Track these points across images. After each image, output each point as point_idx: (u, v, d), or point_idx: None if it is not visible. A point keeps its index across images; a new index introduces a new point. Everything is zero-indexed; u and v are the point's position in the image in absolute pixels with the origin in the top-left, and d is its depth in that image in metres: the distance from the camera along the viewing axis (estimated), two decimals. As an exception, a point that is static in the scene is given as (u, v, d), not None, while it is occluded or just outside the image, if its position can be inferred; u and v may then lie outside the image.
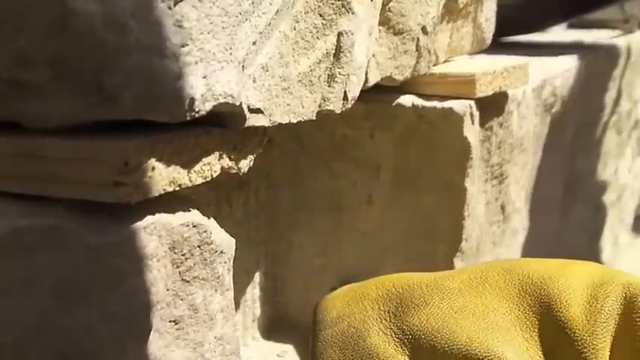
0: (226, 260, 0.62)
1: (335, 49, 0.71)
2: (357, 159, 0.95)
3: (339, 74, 0.72)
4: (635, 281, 0.58)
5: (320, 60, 0.70)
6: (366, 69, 0.80)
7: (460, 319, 0.57)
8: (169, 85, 0.53)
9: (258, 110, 0.62)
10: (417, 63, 0.91)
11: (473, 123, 0.94)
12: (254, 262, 0.95)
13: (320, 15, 0.69)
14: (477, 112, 0.95)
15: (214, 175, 0.60)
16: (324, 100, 0.71)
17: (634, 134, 1.73)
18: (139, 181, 0.53)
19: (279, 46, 0.64)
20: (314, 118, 0.70)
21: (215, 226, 0.61)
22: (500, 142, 1.04)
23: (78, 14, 0.50)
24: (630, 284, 0.57)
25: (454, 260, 0.95)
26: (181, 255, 0.57)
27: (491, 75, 0.97)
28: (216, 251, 0.60)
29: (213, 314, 0.61)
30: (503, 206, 1.09)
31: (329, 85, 0.71)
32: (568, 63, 1.35)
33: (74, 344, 0.53)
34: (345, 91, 0.73)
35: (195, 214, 0.59)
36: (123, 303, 0.53)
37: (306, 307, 0.70)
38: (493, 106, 1.00)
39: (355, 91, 0.75)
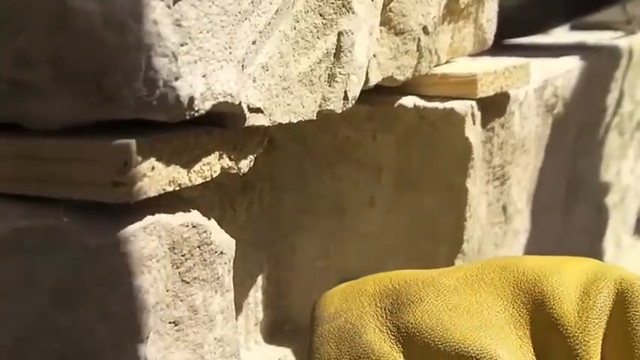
0: (226, 261, 0.62)
1: (335, 48, 0.71)
2: (360, 161, 0.95)
3: (339, 74, 0.71)
4: (628, 276, 0.58)
5: (320, 60, 0.69)
6: (367, 69, 0.80)
7: (454, 316, 0.58)
8: (169, 84, 0.52)
9: (258, 110, 0.62)
10: (419, 63, 0.90)
11: (474, 123, 0.94)
12: (257, 266, 0.95)
13: (320, 14, 0.69)
14: (479, 113, 0.95)
15: (214, 175, 0.60)
16: (324, 100, 0.70)
17: (636, 136, 1.73)
18: (138, 181, 0.52)
19: (279, 46, 0.64)
20: (314, 117, 0.70)
21: (215, 227, 0.60)
22: (502, 142, 1.04)
23: (77, 13, 0.50)
24: (622, 279, 0.58)
25: (455, 261, 0.94)
26: (181, 255, 0.57)
27: (493, 75, 0.97)
28: (216, 252, 0.60)
29: (213, 315, 0.60)
30: (504, 207, 1.08)
31: (329, 85, 0.71)
32: (570, 63, 1.35)
33: (73, 345, 0.53)
34: (346, 91, 0.73)
35: (195, 214, 0.59)
36: (122, 304, 0.53)
37: (309, 311, 0.69)
38: (495, 107, 1.00)
39: (356, 91, 0.75)
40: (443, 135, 0.92)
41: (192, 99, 0.54)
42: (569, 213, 1.41)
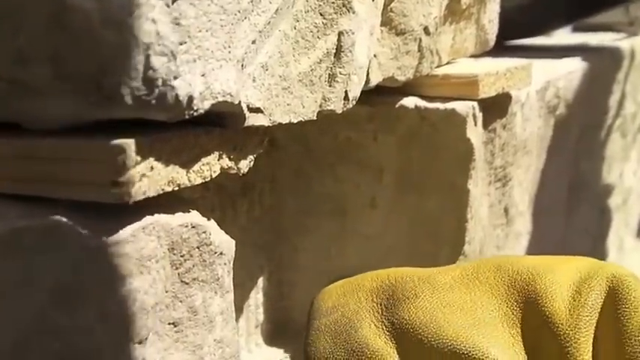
0: (226, 262, 0.61)
1: (336, 48, 0.71)
2: (361, 162, 0.95)
3: (339, 74, 0.71)
4: (620, 273, 0.59)
5: (320, 59, 0.69)
6: (368, 69, 0.79)
7: (448, 313, 0.58)
8: (168, 84, 0.52)
9: (257, 110, 0.62)
10: (420, 64, 0.90)
11: (476, 124, 0.94)
12: (258, 267, 0.95)
13: (320, 14, 0.69)
14: (480, 114, 0.94)
15: (214, 176, 0.59)
16: (324, 100, 0.70)
17: (639, 137, 1.72)
18: (137, 181, 0.52)
19: (279, 45, 0.64)
20: (314, 118, 0.70)
21: (214, 227, 0.60)
22: (504, 144, 1.03)
23: (75, 11, 0.49)
24: (614, 276, 0.58)
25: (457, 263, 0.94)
26: (180, 256, 0.57)
27: (494, 76, 0.96)
28: (216, 252, 0.60)
29: (212, 317, 0.60)
30: (506, 209, 1.08)
31: (330, 85, 0.70)
32: (572, 65, 1.35)
33: (72, 346, 0.53)
34: (346, 91, 0.72)
35: (195, 214, 0.58)
36: (121, 304, 0.53)
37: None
38: (496, 108, 1.00)
39: (356, 91, 0.75)
40: (444, 136, 0.92)
41: (191, 98, 0.54)
42: (571, 215, 1.40)
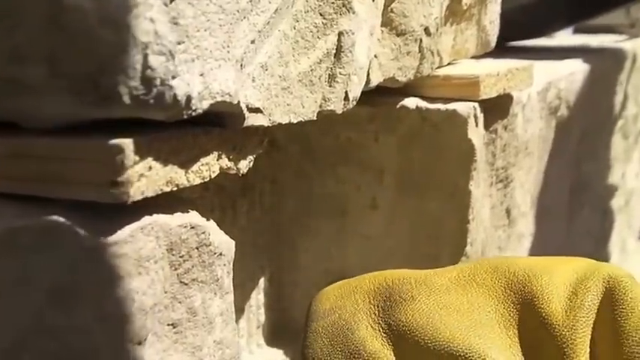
0: (225, 263, 0.61)
1: (336, 48, 0.70)
2: (362, 162, 0.94)
3: (339, 74, 0.71)
4: (617, 273, 0.58)
5: (320, 60, 0.69)
6: (368, 70, 0.79)
7: (445, 315, 0.58)
8: (166, 83, 0.52)
9: (257, 110, 0.61)
10: (420, 64, 0.90)
11: (477, 125, 0.93)
12: (258, 268, 0.94)
13: (320, 14, 0.68)
14: (481, 115, 0.94)
15: (212, 176, 0.59)
16: (324, 100, 0.70)
17: (641, 139, 1.72)
18: (135, 181, 0.52)
19: (278, 45, 0.63)
20: (314, 118, 0.69)
21: (214, 228, 0.60)
22: (505, 145, 1.03)
23: (72, 10, 0.49)
24: (610, 277, 0.58)
25: (459, 264, 0.94)
26: (179, 257, 0.56)
27: (495, 77, 0.96)
28: (215, 253, 0.59)
29: (212, 318, 0.60)
30: (508, 210, 1.08)
31: (330, 85, 0.70)
32: (573, 66, 1.35)
33: (69, 346, 0.52)
34: (347, 92, 0.72)
35: (194, 215, 0.58)
36: (119, 305, 0.52)
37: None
38: (497, 109, 0.99)
39: (356, 92, 0.74)
40: (445, 136, 0.92)
41: (189, 98, 0.54)
42: (573, 216, 1.40)
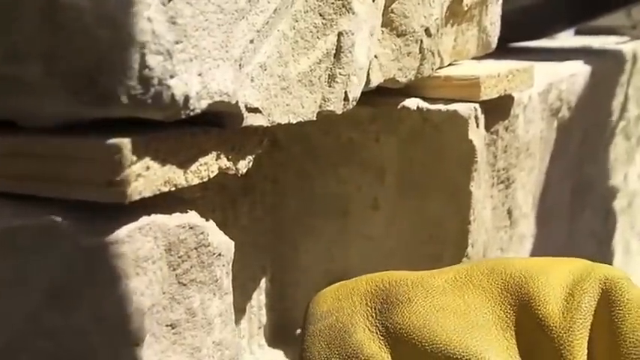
0: (225, 263, 0.61)
1: (335, 49, 0.70)
2: (363, 163, 0.94)
3: (339, 74, 0.71)
4: (613, 275, 0.58)
5: (320, 60, 0.69)
6: (369, 70, 0.79)
7: (441, 317, 0.58)
8: (163, 83, 0.52)
9: (256, 110, 0.61)
10: (421, 65, 0.90)
11: (478, 126, 0.93)
12: (260, 268, 0.94)
13: (320, 14, 0.68)
14: (482, 116, 0.94)
15: (211, 176, 0.59)
16: (324, 101, 0.70)
17: (643, 140, 1.72)
18: (132, 181, 0.51)
19: (277, 46, 0.63)
20: (314, 118, 0.69)
21: (213, 228, 0.59)
22: (506, 146, 1.03)
23: (68, 9, 0.49)
24: (607, 279, 0.58)
25: (460, 266, 0.93)
26: (178, 257, 0.56)
27: (496, 78, 0.96)
28: (214, 254, 0.59)
29: (211, 319, 0.60)
30: (510, 211, 1.07)
31: (329, 86, 0.70)
32: (574, 67, 1.35)
33: (66, 347, 0.52)
34: (346, 92, 0.72)
35: (193, 215, 0.58)
36: (117, 306, 0.52)
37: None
38: (499, 110, 0.99)
39: (356, 92, 0.74)
40: (446, 137, 0.91)
41: (187, 98, 0.53)
42: (575, 218, 1.40)
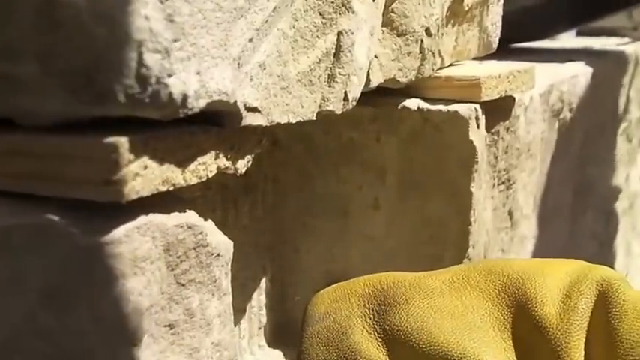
0: (223, 263, 0.60)
1: (335, 48, 0.70)
2: (364, 162, 0.94)
3: (339, 74, 0.70)
4: (610, 276, 0.58)
5: (320, 59, 0.68)
6: (369, 70, 0.79)
7: (439, 319, 0.57)
8: (161, 81, 0.51)
9: (255, 109, 0.61)
10: (421, 65, 0.89)
11: (478, 127, 0.93)
12: (260, 268, 0.94)
13: (320, 13, 0.68)
14: (483, 116, 0.94)
15: (210, 176, 0.59)
16: (324, 100, 0.69)
17: (644, 142, 1.72)
18: (130, 180, 0.51)
19: (277, 45, 0.63)
20: (314, 118, 0.69)
21: (212, 228, 0.59)
22: (507, 147, 1.03)
23: (64, 6, 0.48)
24: (604, 280, 0.58)
25: (461, 267, 0.93)
26: (176, 257, 0.56)
27: (497, 78, 0.96)
28: (213, 254, 0.59)
29: (209, 319, 0.59)
30: (511, 212, 1.07)
31: (329, 85, 0.70)
32: (575, 69, 1.34)
33: (63, 348, 0.52)
34: (346, 92, 0.72)
35: (191, 215, 0.57)
36: (115, 306, 0.52)
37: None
38: (499, 110, 0.99)
39: (356, 92, 0.74)
40: (447, 138, 0.91)
41: (185, 96, 0.53)
42: (577, 219, 1.39)
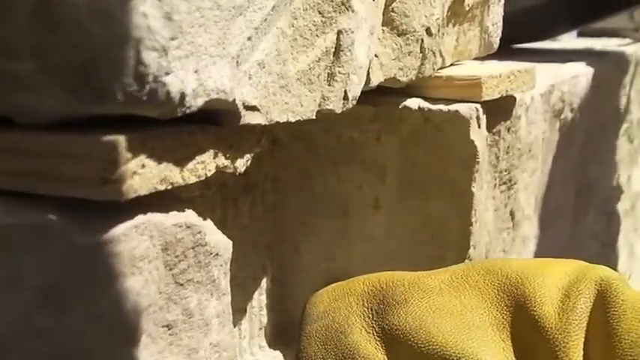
0: (222, 263, 0.60)
1: (335, 47, 0.69)
2: (364, 162, 0.93)
3: (339, 73, 0.70)
4: (608, 276, 0.58)
5: (319, 58, 0.68)
6: (369, 69, 0.78)
7: (437, 318, 0.57)
8: (159, 80, 0.51)
9: (254, 108, 0.60)
10: (422, 65, 0.89)
11: (479, 127, 0.92)
12: (260, 268, 0.93)
13: (319, 12, 0.67)
14: (484, 116, 0.93)
15: (209, 174, 0.58)
16: (323, 100, 0.69)
17: (646, 142, 1.71)
18: (127, 179, 0.51)
19: (276, 43, 0.62)
20: (313, 117, 0.68)
21: (210, 227, 0.59)
22: (509, 147, 1.02)
23: (62, 3, 0.48)
24: (602, 280, 0.58)
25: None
26: (175, 257, 0.55)
27: (498, 78, 0.95)
28: (212, 253, 0.59)
29: (208, 319, 0.59)
30: (512, 213, 1.07)
31: (329, 84, 0.69)
32: (576, 69, 1.34)
33: (59, 348, 0.51)
34: (346, 91, 0.71)
35: (190, 214, 0.57)
36: (112, 306, 0.51)
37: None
38: (500, 110, 0.98)
39: (356, 91, 0.74)
40: (448, 138, 0.91)
41: (183, 95, 0.53)
42: (579, 220, 1.39)
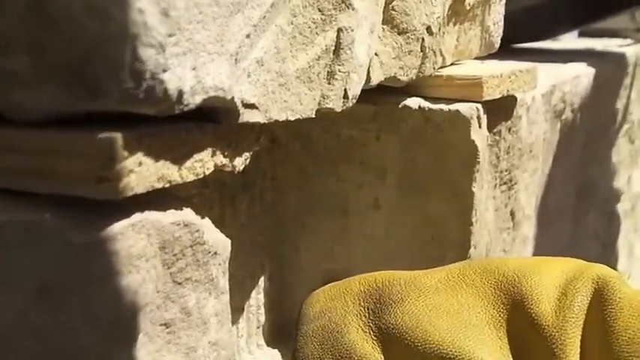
0: (221, 262, 0.60)
1: (334, 45, 0.69)
2: (364, 161, 0.93)
3: (338, 71, 0.69)
4: (605, 274, 0.58)
5: (319, 56, 0.67)
6: (369, 68, 0.78)
7: (434, 317, 0.57)
8: (156, 77, 0.50)
9: (252, 106, 0.60)
10: (422, 64, 0.88)
11: (480, 126, 0.92)
12: (259, 266, 0.93)
13: (319, 10, 0.67)
14: (485, 116, 0.93)
15: (207, 173, 0.58)
16: (323, 98, 0.68)
17: (647, 143, 1.71)
18: (124, 177, 0.50)
19: (275, 41, 0.62)
20: (313, 115, 0.68)
21: (209, 226, 0.58)
22: (509, 147, 1.02)
23: (56, -1, 0.48)
24: (599, 278, 0.58)
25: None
26: (172, 255, 0.55)
27: (499, 78, 0.95)
28: (210, 252, 0.58)
29: (206, 318, 0.58)
30: (513, 213, 1.06)
31: (328, 83, 0.69)
32: (577, 69, 1.33)
33: (55, 348, 0.51)
34: (346, 89, 0.71)
35: (188, 212, 0.57)
36: (109, 304, 0.51)
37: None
38: (501, 110, 0.98)
39: (356, 90, 0.73)
40: (448, 137, 0.90)
41: (181, 92, 0.52)
42: (579, 220, 1.38)
